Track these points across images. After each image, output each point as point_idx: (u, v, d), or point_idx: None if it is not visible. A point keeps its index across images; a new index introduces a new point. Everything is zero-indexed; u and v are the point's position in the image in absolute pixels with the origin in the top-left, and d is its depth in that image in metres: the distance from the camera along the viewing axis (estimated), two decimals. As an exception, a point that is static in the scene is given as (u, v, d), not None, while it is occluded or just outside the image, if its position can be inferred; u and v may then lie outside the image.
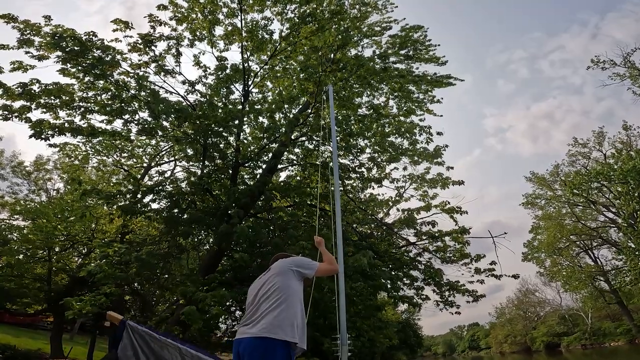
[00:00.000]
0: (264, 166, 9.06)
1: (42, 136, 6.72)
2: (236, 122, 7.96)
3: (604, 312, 39.41)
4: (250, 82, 9.47)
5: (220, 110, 7.86)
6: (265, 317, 2.22)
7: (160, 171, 11.59)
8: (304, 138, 9.47)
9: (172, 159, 12.14)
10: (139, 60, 8.16)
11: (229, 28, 9.12)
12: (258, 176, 9.02)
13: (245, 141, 9.41)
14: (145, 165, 13.52)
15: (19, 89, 6.66)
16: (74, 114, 7.33)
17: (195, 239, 9.09)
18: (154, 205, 8.32)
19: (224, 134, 8.16)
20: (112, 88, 7.61)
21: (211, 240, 8.59)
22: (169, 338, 3.15)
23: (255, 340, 2.15)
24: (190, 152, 9.30)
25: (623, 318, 34.47)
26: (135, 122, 7.69)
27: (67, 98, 7.15)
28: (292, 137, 8.96)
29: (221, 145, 8.27)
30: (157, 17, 8.35)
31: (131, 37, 7.96)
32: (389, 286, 8.48)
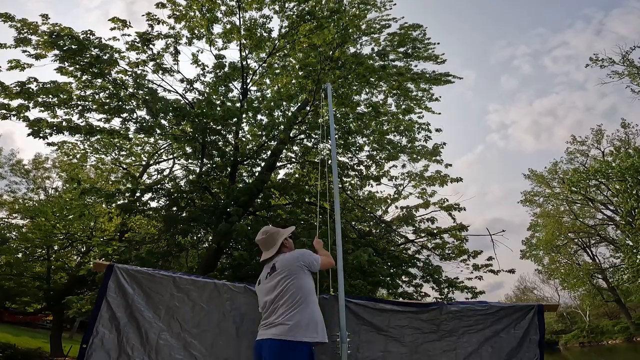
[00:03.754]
0: (262, 164, 9.06)
1: (40, 135, 6.72)
2: (235, 120, 7.97)
3: (602, 310, 39.59)
4: (248, 80, 9.47)
5: (218, 109, 7.86)
6: (285, 319, 2.28)
7: (159, 169, 11.61)
8: (302, 136, 9.48)
9: (171, 157, 12.14)
10: (137, 59, 8.16)
11: (228, 26, 9.11)
12: (257, 174, 9.02)
13: (244, 139, 9.41)
14: (143, 163, 13.51)
15: (17, 87, 6.66)
16: (72, 112, 7.32)
17: (194, 237, 9.10)
18: (153, 204, 8.33)
19: (222, 132, 8.16)
20: (110, 86, 7.60)
21: (210, 238, 8.60)
22: (161, 271, 3.24)
23: (276, 341, 2.22)
24: (188, 150, 9.30)
25: (621, 316, 34.62)
26: (134, 120, 7.68)
27: (65, 96, 7.15)
28: (291, 135, 8.96)
29: (220, 144, 8.27)
30: (155, 15, 8.35)
31: (129, 35, 7.96)
32: (389, 283, 8.49)
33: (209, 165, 8.51)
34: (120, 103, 7.48)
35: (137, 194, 7.82)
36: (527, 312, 3.21)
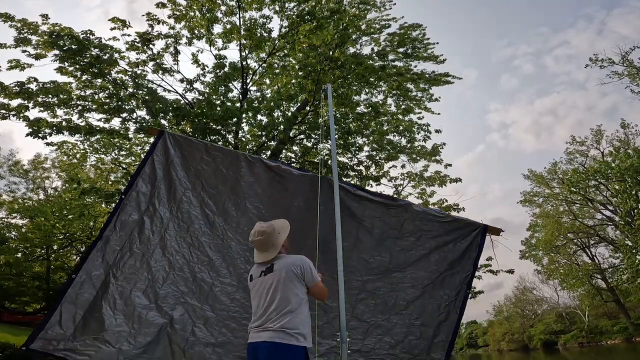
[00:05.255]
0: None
1: (40, 135, 6.73)
2: (234, 120, 7.97)
3: (601, 310, 39.58)
4: (248, 80, 9.47)
5: (218, 109, 7.86)
6: (280, 324, 2.26)
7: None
8: (302, 136, 9.47)
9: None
10: (137, 59, 8.17)
11: (228, 26, 9.11)
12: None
13: (244, 139, 9.41)
14: (143, 163, 13.49)
15: (17, 87, 6.66)
16: (72, 112, 7.34)
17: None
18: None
19: (222, 132, 8.16)
20: (110, 86, 7.61)
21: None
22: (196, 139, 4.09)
23: (273, 344, 2.21)
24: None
25: (620, 316, 34.64)
26: (133, 120, 7.69)
27: (65, 96, 7.16)
28: (291, 135, 8.96)
29: (220, 144, 8.27)
30: (155, 15, 8.36)
31: (129, 35, 7.97)
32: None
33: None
34: (120, 103, 7.48)
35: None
36: (473, 229, 3.67)
